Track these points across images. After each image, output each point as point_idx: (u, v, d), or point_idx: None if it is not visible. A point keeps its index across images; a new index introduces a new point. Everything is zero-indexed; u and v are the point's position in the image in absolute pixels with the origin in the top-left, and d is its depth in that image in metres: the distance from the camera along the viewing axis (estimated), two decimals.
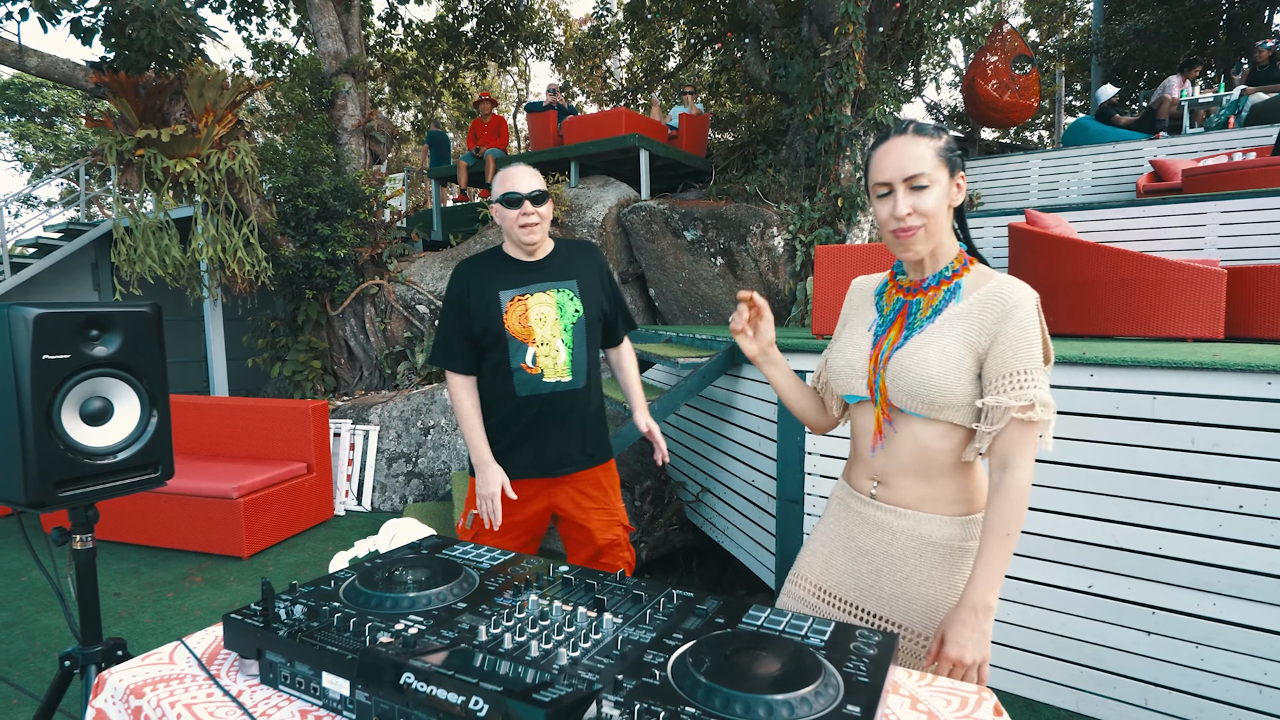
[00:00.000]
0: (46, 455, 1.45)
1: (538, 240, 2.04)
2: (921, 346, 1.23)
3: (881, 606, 1.33)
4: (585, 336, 2.08)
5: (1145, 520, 2.35)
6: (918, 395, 1.22)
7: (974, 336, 1.20)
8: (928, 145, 1.20)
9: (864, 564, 1.35)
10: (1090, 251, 4.08)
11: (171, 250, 5.22)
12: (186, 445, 4.73)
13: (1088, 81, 14.61)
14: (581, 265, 2.14)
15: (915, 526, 1.29)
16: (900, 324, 1.29)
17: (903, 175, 1.19)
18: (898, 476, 1.29)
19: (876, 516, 1.33)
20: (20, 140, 18.46)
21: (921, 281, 1.29)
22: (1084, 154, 7.31)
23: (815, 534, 1.48)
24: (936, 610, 1.28)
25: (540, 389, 2.04)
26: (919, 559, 1.29)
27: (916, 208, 1.20)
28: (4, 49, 4.96)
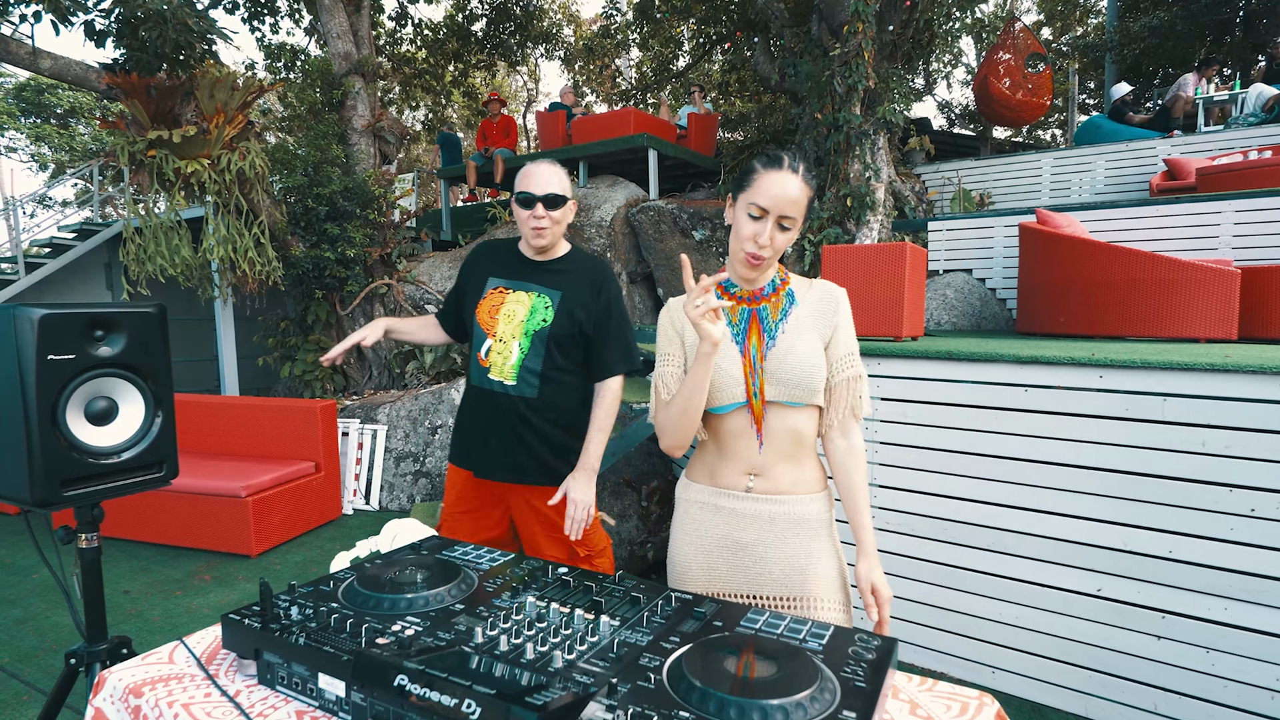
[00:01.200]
0: (52, 455, 1.46)
1: (546, 244, 1.99)
2: (793, 344, 1.40)
3: (776, 589, 1.43)
4: (545, 348, 1.97)
5: (1155, 523, 2.32)
6: (801, 385, 1.38)
7: (822, 329, 1.43)
8: (806, 194, 1.35)
9: (746, 555, 1.44)
10: (1101, 251, 4.04)
11: (182, 250, 5.26)
12: (196, 444, 4.76)
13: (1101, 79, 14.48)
14: (579, 279, 2.02)
15: (790, 509, 1.42)
16: (756, 329, 1.42)
17: (780, 212, 1.33)
18: (775, 466, 1.42)
19: (754, 509, 1.43)
20: (36, 141, 18.68)
21: (759, 291, 1.45)
22: (1096, 153, 7.24)
23: (680, 547, 1.51)
24: (828, 577, 1.43)
25: (484, 383, 2.02)
26: (798, 536, 1.42)
27: (775, 243, 1.35)
28: (18, 51, 5.01)
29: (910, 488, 2.81)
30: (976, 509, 2.66)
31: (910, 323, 3.51)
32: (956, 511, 2.70)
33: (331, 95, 6.82)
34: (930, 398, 2.75)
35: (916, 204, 7.31)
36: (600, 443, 2.01)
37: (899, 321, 3.42)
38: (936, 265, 6.00)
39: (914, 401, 2.78)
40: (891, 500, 2.86)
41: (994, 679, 2.65)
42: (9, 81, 17.21)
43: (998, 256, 5.68)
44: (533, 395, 1.99)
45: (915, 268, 3.54)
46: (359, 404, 5.51)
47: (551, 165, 2.00)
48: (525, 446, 2.00)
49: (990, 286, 5.71)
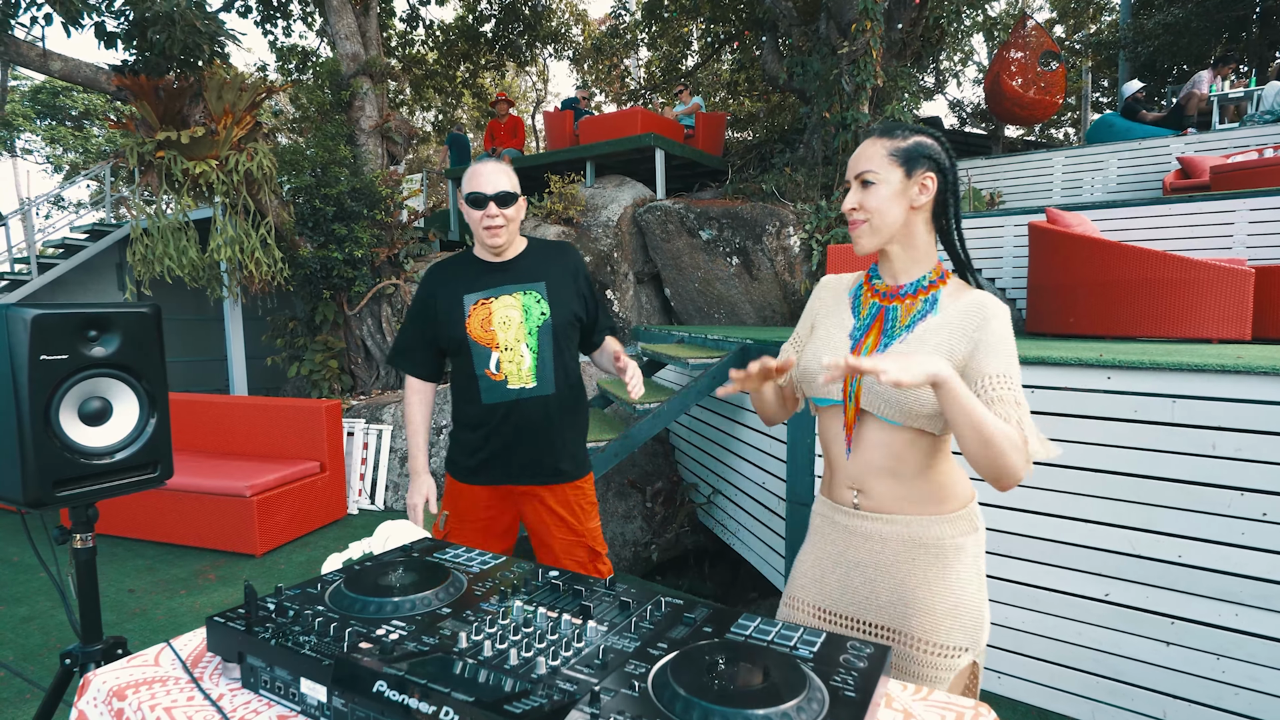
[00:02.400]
0: (45, 455, 1.45)
1: (503, 243, 1.94)
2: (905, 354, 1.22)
3: (881, 616, 1.32)
4: (553, 341, 1.96)
5: (1164, 527, 2.28)
6: (895, 403, 1.23)
7: (954, 345, 1.22)
8: (881, 145, 1.27)
9: (857, 576, 1.34)
10: (1111, 250, 3.99)
11: (189, 251, 5.29)
12: (202, 444, 4.79)
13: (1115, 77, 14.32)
14: (553, 266, 2.01)
15: (903, 531, 1.29)
16: (878, 329, 1.30)
17: (854, 171, 1.29)
18: (873, 480, 1.30)
19: (864, 527, 1.33)
20: (51, 143, 18.89)
21: (899, 288, 1.31)
22: (1109, 151, 7.16)
23: (803, 555, 1.46)
24: (934, 611, 1.27)
25: (505, 395, 1.94)
26: (912, 562, 1.29)
27: (863, 203, 1.27)
28: (29, 53, 5.06)
29: None
30: (983, 512, 2.62)
31: None
32: None
33: (340, 96, 6.85)
34: None
35: None
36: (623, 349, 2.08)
37: None
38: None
39: None
40: None
41: (999, 684, 2.61)
42: (25, 84, 17.43)
43: (1007, 256, 5.62)
44: (550, 392, 1.97)
45: None
46: (365, 404, 5.52)
47: (498, 163, 1.96)
48: (549, 446, 1.98)
49: (1000, 286, 5.66)
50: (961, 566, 1.28)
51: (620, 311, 6.75)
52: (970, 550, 1.29)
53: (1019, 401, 1.16)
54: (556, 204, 6.81)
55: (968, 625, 1.27)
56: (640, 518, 4.40)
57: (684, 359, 3.78)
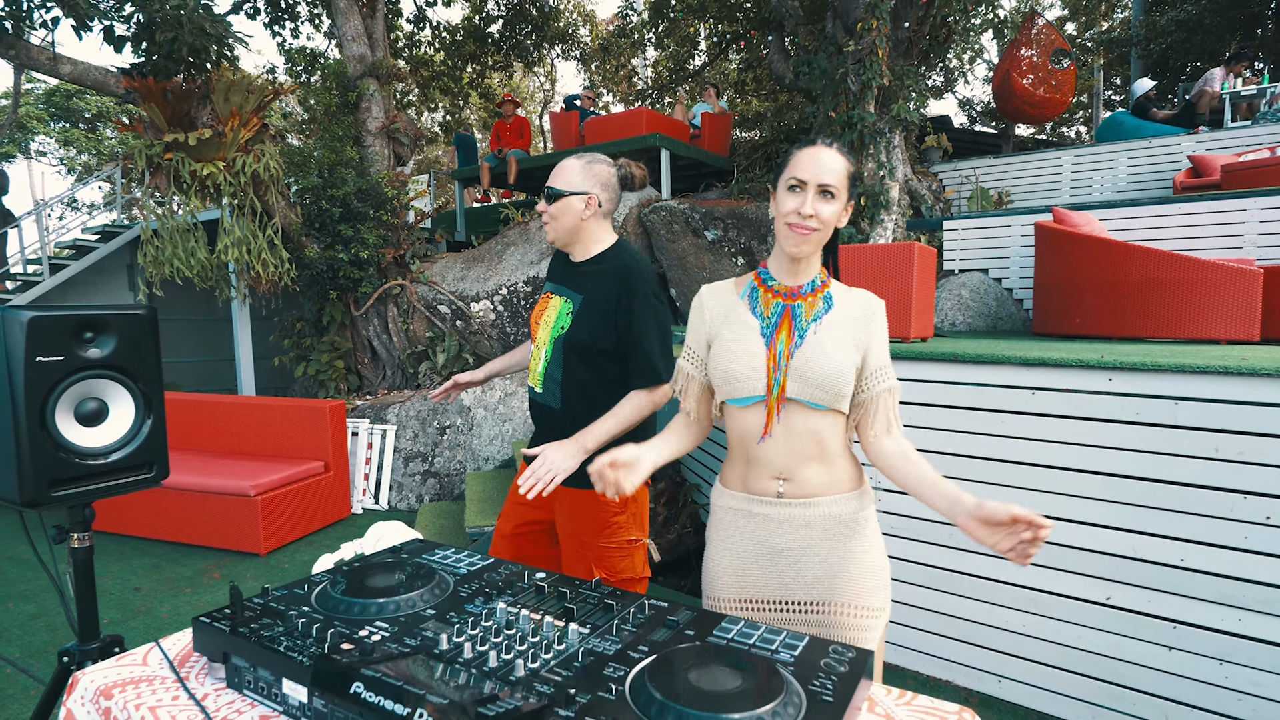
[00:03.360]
0: (40, 455, 1.47)
1: (552, 239, 1.95)
2: (822, 343, 1.37)
3: (808, 593, 1.41)
4: (564, 355, 1.87)
5: (1166, 530, 2.25)
6: (825, 386, 1.34)
7: (857, 336, 1.39)
8: (843, 163, 1.36)
9: (782, 561, 1.41)
10: (1118, 250, 3.95)
11: (197, 252, 5.33)
12: (207, 443, 4.82)
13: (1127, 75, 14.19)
14: (602, 283, 1.87)
15: (825, 511, 1.40)
16: (788, 325, 1.39)
17: (818, 180, 1.33)
18: (802, 467, 1.39)
19: (787, 514, 1.40)
20: (65, 145, 19.10)
21: (798, 288, 1.42)
22: (1119, 150, 7.09)
23: (715, 554, 1.48)
24: (856, 577, 1.40)
25: (530, 389, 2.00)
26: (833, 538, 1.40)
27: (819, 212, 1.34)
28: (39, 56, 5.12)
29: None
30: None
31: (919, 324, 3.45)
32: None
33: (347, 98, 6.88)
34: (936, 400, 2.70)
35: (933, 203, 7.21)
36: (606, 428, 1.78)
37: (907, 322, 3.36)
38: (952, 265, 5.91)
39: (920, 404, 2.74)
40: (896, 504, 2.81)
41: (1000, 687, 2.59)
42: (39, 87, 17.62)
43: (1014, 256, 5.58)
44: (556, 405, 1.90)
45: (924, 268, 3.48)
46: (369, 404, 5.55)
47: (574, 159, 1.93)
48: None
49: (1007, 286, 5.61)
50: (870, 535, 1.43)
51: None
52: (873, 521, 1.45)
53: (894, 388, 1.41)
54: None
55: (883, 585, 1.43)
56: None
57: None
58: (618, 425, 1.80)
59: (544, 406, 1.94)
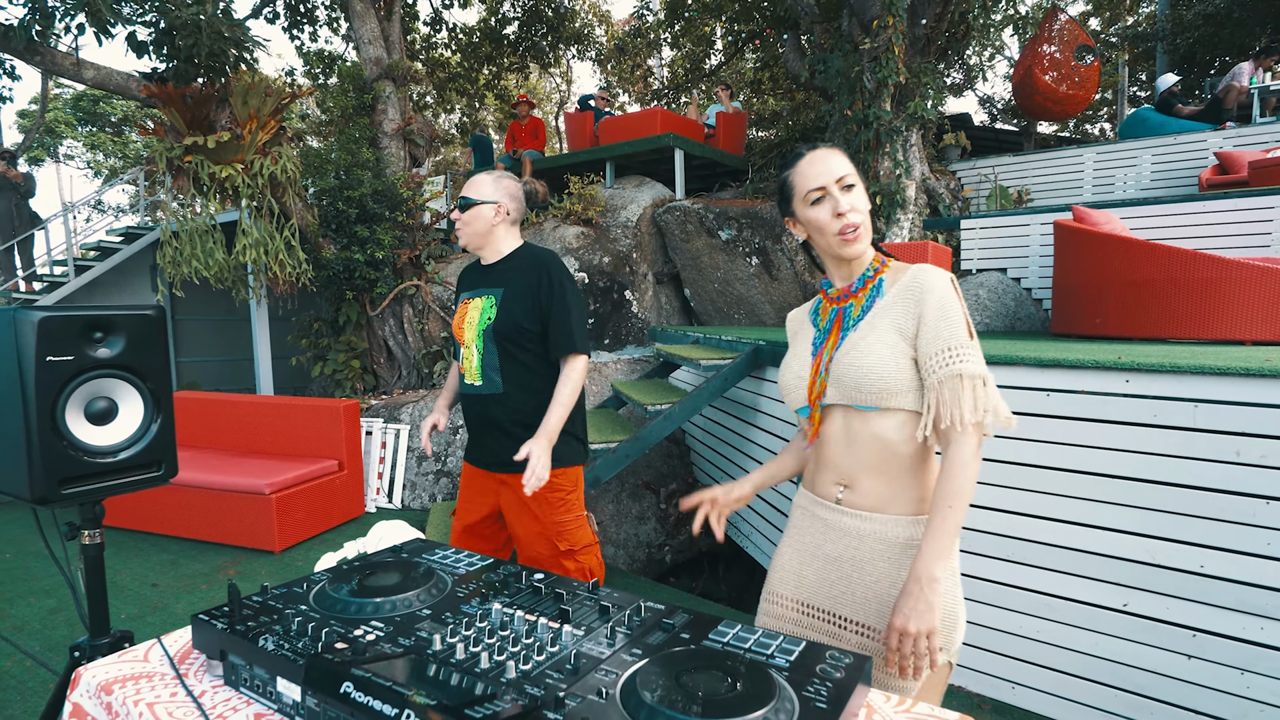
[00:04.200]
0: (50, 454, 1.49)
1: (463, 243, 2.17)
2: (858, 340, 1.30)
3: (857, 612, 1.33)
4: (496, 344, 2.09)
5: (1185, 536, 2.20)
6: (862, 386, 1.27)
7: (901, 322, 1.27)
8: (841, 154, 1.32)
9: (834, 571, 1.36)
10: (1139, 249, 3.88)
11: (216, 253, 5.40)
12: (225, 442, 4.89)
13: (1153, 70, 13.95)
14: (520, 275, 2.12)
15: (880, 530, 1.31)
16: (837, 330, 1.36)
17: (834, 177, 1.28)
18: (864, 477, 1.31)
19: (843, 522, 1.34)
20: (92, 149, 19.48)
21: (849, 287, 1.37)
22: (1142, 147, 6.96)
23: (782, 548, 1.47)
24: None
25: (465, 389, 2.19)
26: (886, 561, 1.31)
27: (854, 204, 1.29)
28: (63, 62, 5.22)
29: None
30: (995, 518, 2.57)
31: None
32: (975, 520, 2.61)
33: (363, 99, 6.94)
34: None
35: (951, 202, 7.12)
36: (558, 415, 2.04)
37: None
38: (970, 264, 5.84)
39: None
40: None
41: (1014, 694, 2.55)
42: (66, 92, 17.99)
43: (1034, 255, 5.50)
44: (498, 391, 2.12)
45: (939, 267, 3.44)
46: (383, 404, 5.59)
47: (484, 174, 2.18)
48: (501, 439, 2.13)
49: (1026, 286, 5.54)
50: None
51: (639, 312, 6.74)
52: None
53: (963, 374, 1.19)
54: (576, 205, 6.83)
55: (942, 625, 1.27)
56: (654, 519, 4.38)
57: (696, 360, 3.76)
58: (564, 408, 2.06)
59: (484, 398, 2.13)
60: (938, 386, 1.21)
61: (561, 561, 2.14)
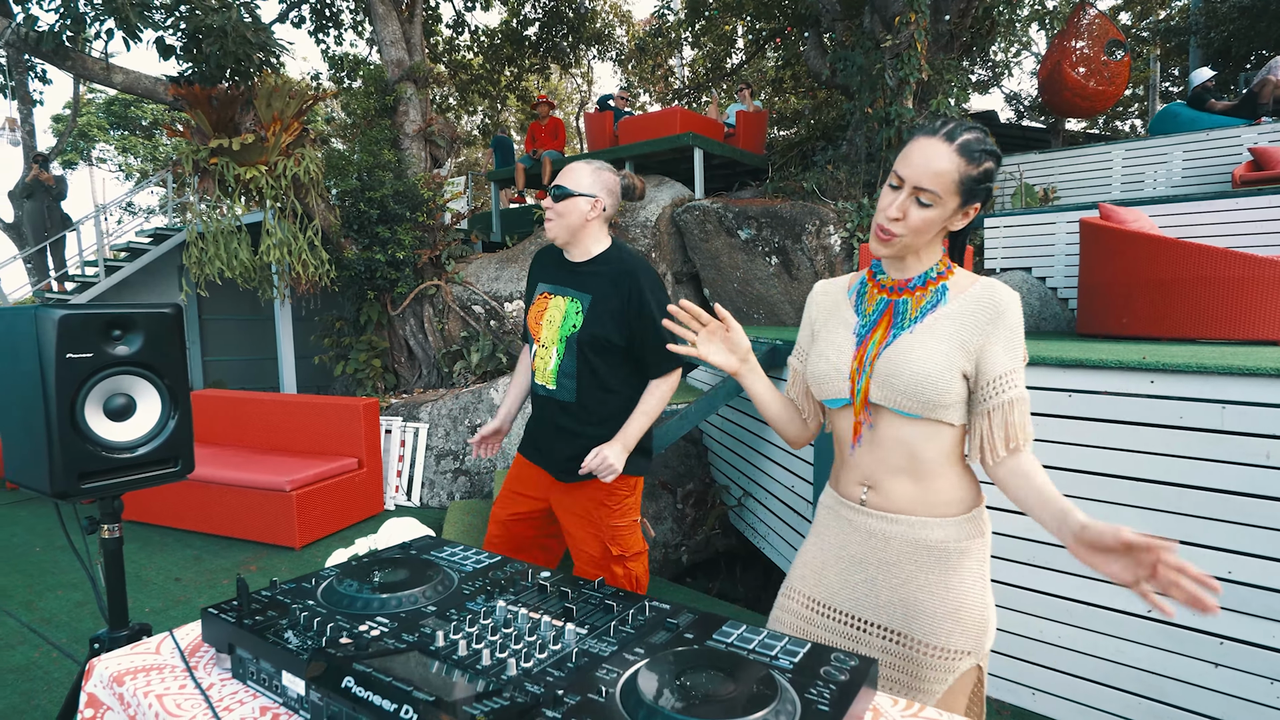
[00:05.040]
0: (70, 449, 1.52)
1: (553, 236, 2.02)
2: (915, 345, 1.22)
3: (880, 615, 1.29)
4: (578, 353, 1.97)
5: (1213, 541, 2.15)
6: (913, 394, 1.20)
7: (966, 336, 1.20)
8: (955, 165, 1.16)
9: (858, 573, 1.32)
10: (1169, 247, 3.79)
11: (240, 254, 5.49)
12: (247, 439, 4.96)
13: (1185, 65, 13.64)
14: (611, 283, 1.97)
15: (908, 531, 1.26)
16: (887, 323, 1.27)
17: (917, 183, 1.17)
18: (888, 479, 1.27)
19: (868, 524, 1.30)
20: (123, 153, 19.93)
21: (907, 281, 1.28)
22: (1173, 143, 6.80)
23: (806, 547, 1.44)
24: (935, 614, 1.24)
25: (536, 387, 2.10)
26: (915, 564, 1.26)
27: (908, 215, 1.19)
28: (93, 66, 5.34)
29: None
30: (1015, 520, 2.52)
31: None
32: (995, 523, 2.57)
33: (385, 101, 7.02)
34: None
35: None
36: (640, 425, 1.97)
37: None
38: (993, 264, 5.75)
39: None
40: None
41: (1034, 701, 2.50)
42: (99, 97, 18.42)
43: (1059, 254, 5.40)
44: (570, 400, 2.01)
45: None
46: (403, 403, 5.64)
47: (582, 163, 2.03)
48: (565, 447, 2.03)
49: (1051, 286, 5.44)
50: (965, 570, 1.25)
51: None
52: (975, 554, 1.26)
53: (1013, 401, 1.19)
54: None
55: (970, 629, 1.24)
56: (671, 519, 4.37)
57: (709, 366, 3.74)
58: (648, 419, 1.98)
59: (556, 402, 2.04)
60: (1003, 408, 1.18)
61: (612, 567, 2.07)
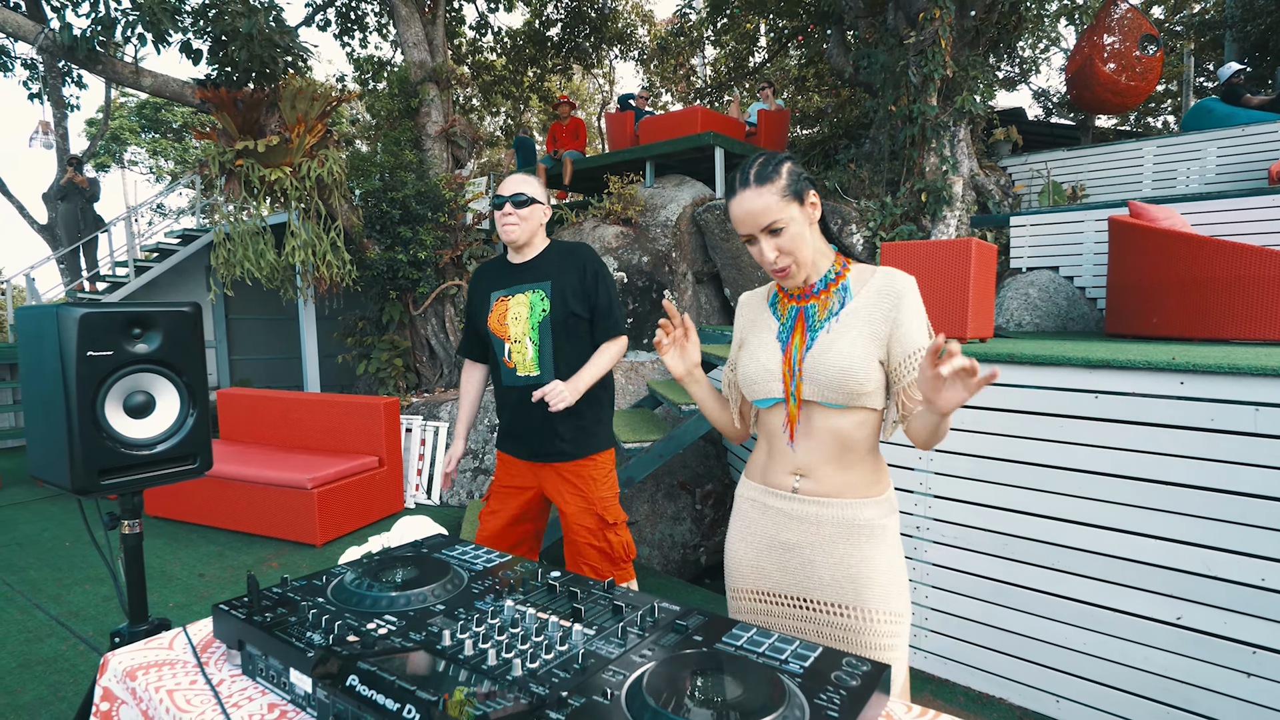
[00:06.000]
0: (91, 445, 1.54)
1: (516, 238, 2.22)
2: (832, 344, 1.34)
3: (824, 592, 1.38)
4: (552, 334, 2.19)
5: (1245, 547, 2.08)
6: (838, 387, 1.32)
7: (875, 327, 1.33)
8: (770, 192, 1.31)
9: (794, 558, 1.40)
10: (1200, 245, 3.69)
11: (266, 254, 5.57)
12: (271, 437, 5.03)
13: (1220, 60, 13.29)
14: (563, 266, 2.23)
15: (839, 513, 1.37)
16: (801, 328, 1.39)
17: (759, 227, 1.32)
18: (820, 467, 1.38)
19: (800, 510, 1.39)
20: (154, 155, 20.34)
21: (810, 288, 1.40)
22: (1207, 139, 6.63)
23: (733, 544, 1.50)
24: (880, 585, 1.35)
25: (515, 381, 2.25)
26: (848, 542, 1.36)
27: (780, 248, 1.33)
28: (123, 70, 5.44)
29: (968, 499, 2.64)
30: (1040, 524, 2.47)
31: (976, 323, 3.30)
32: (1019, 526, 2.52)
33: (408, 103, 7.08)
34: (992, 404, 2.57)
35: (1001, 198, 6.91)
36: (590, 375, 2.20)
37: (963, 322, 3.22)
38: (1019, 263, 5.66)
39: (973, 407, 2.61)
40: (947, 512, 2.69)
41: (1058, 708, 2.45)
42: (131, 101, 18.82)
43: (1088, 253, 5.29)
44: (553, 379, 2.20)
45: (982, 265, 3.33)
46: (423, 401, 5.68)
47: (524, 176, 2.27)
48: (553, 429, 2.22)
49: (1079, 285, 5.33)
50: (891, 543, 1.38)
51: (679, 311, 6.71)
52: (893, 529, 1.39)
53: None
54: (615, 205, 6.83)
55: (905, 593, 1.39)
56: (689, 519, 4.35)
57: (723, 359, 3.71)
58: (598, 371, 2.22)
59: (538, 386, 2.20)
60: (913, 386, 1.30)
61: (606, 534, 2.26)
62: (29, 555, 4.11)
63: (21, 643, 3.02)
